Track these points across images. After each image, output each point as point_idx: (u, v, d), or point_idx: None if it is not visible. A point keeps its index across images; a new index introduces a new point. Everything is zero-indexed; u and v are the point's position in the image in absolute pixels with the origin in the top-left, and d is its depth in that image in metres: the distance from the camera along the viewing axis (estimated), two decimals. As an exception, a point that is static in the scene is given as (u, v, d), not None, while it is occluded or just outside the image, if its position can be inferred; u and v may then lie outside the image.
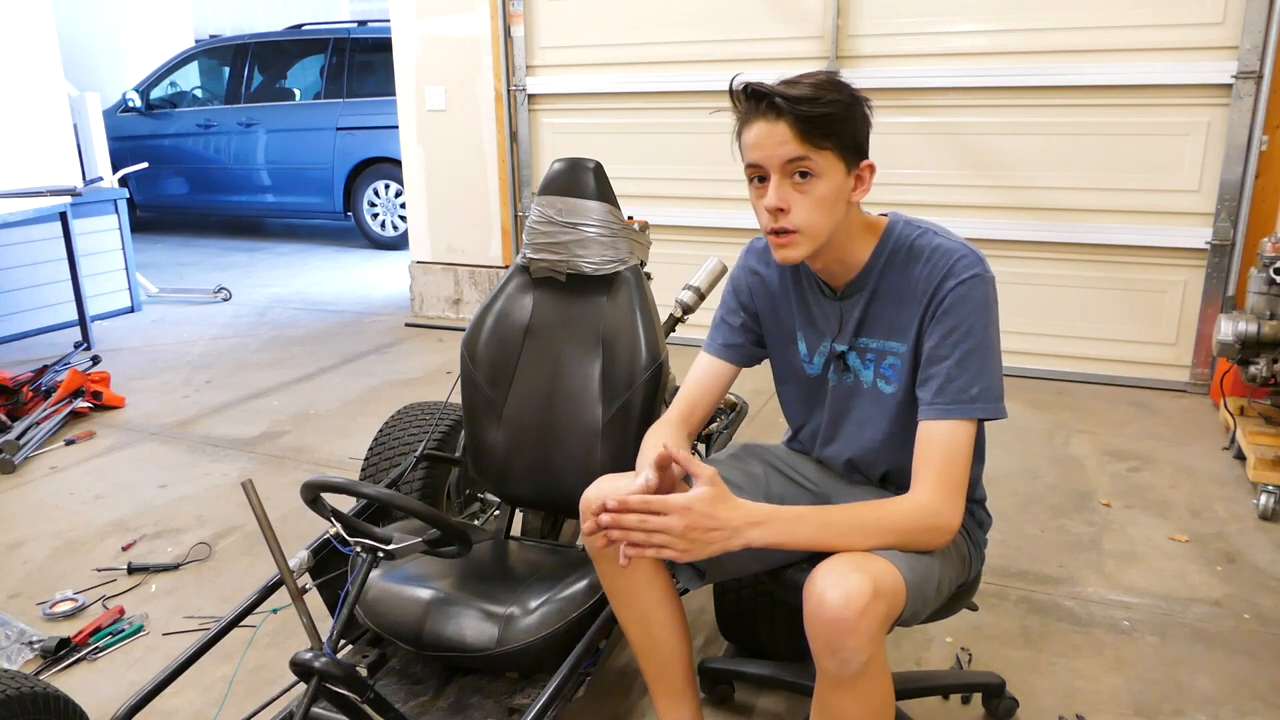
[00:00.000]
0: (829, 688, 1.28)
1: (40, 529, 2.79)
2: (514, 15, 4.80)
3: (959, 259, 1.38)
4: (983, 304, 1.37)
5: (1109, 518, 2.79)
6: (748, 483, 1.58)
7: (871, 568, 1.24)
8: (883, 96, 4.11)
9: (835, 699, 1.28)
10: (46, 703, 1.38)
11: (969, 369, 1.35)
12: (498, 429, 1.97)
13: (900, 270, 1.42)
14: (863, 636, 1.20)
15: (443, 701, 1.64)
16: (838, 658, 1.22)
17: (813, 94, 1.30)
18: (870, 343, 1.48)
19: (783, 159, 1.32)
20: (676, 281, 2.68)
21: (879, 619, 1.22)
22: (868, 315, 1.47)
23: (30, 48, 5.09)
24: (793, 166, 1.32)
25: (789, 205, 1.34)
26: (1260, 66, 3.54)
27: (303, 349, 4.78)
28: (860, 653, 1.21)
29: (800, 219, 1.35)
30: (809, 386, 1.59)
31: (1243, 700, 1.94)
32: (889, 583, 1.24)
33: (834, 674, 1.25)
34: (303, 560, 1.74)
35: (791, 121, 1.30)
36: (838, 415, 1.56)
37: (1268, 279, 2.97)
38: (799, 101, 1.29)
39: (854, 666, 1.22)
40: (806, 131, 1.30)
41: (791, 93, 1.30)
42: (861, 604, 1.19)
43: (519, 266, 2.02)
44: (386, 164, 7.30)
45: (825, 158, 1.32)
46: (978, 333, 1.36)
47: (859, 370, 1.50)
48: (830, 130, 1.31)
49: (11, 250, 4.94)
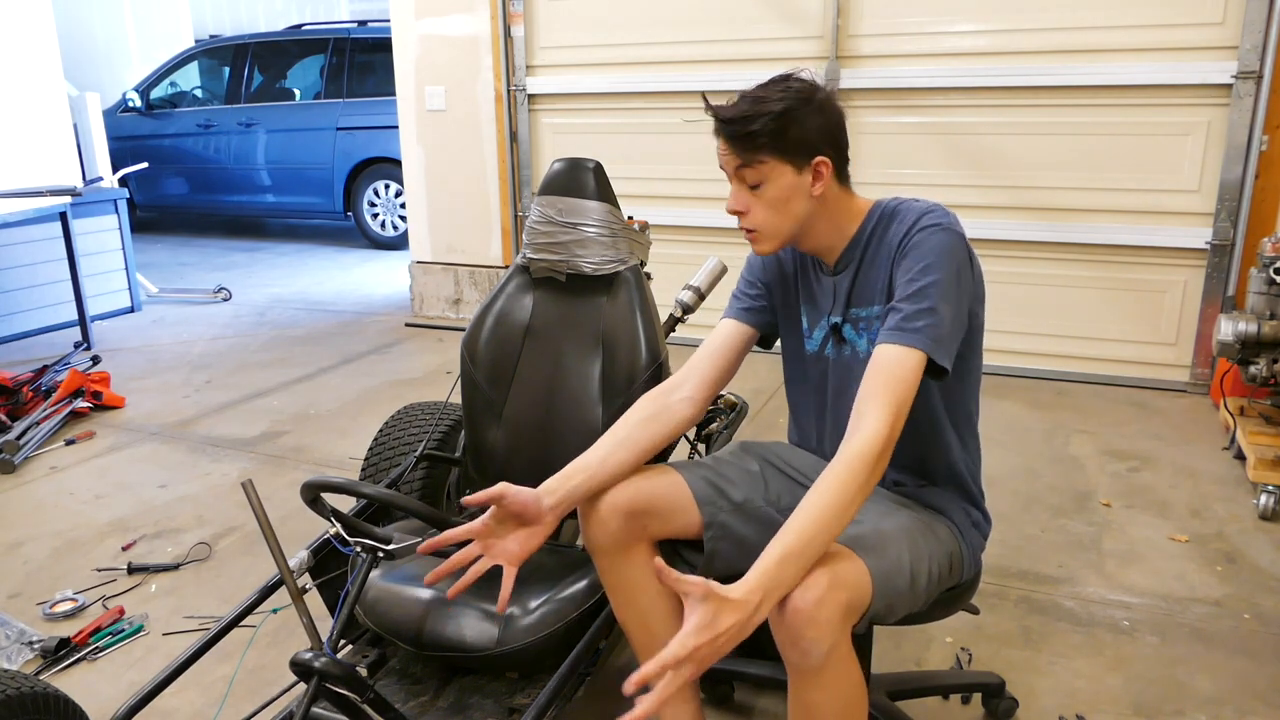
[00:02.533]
0: (798, 681, 1.31)
1: (40, 529, 2.79)
2: (514, 15, 4.80)
3: (926, 213, 1.43)
4: (943, 249, 1.39)
5: (1109, 518, 2.79)
6: (746, 481, 1.59)
7: (831, 560, 1.26)
8: (883, 96, 4.12)
9: (804, 691, 1.31)
10: (46, 703, 1.38)
11: (918, 302, 1.36)
12: (498, 429, 1.97)
13: (881, 238, 1.48)
14: (822, 626, 1.22)
15: (443, 701, 1.64)
16: (799, 648, 1.24)
17: (748, 111, 1.38)
18: (860, 311, 1.51)
19: (731, 168, 1.44)
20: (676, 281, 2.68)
21: (838, 608, 1.23)
22: (855, 285, 1.51)
23: (30, 48, 5.09)
24: (741, 174, 1.43)
25: (746, 208, 1.45)
26: (1260, 66, 3.54)
27: (303, 349, 4.78)
28: (820, 643, 1.23)
29: (758, 220, 1.45)
30: (810, 363, 1.61)
31: (1243, 700, 1.94)
32: (850, 574, 1.26)
33: (799, 665, 1.27)
34: (303, 560, 1.74)
35: (726, 139, 1.42)
36: (840, 389, 1.57)
37: (1268, 279, 2.97)
38: (730, 122, 1.40)
39: (815, 657, 1.24)
40: (741, 148, 1.41)
41: (725, 114, 1.40)
42: (817, 594, 1.22)
43: (519, 266, 2.02)
44: (386, 164, 7.30)
45: (767, 166, 1.41)
46: (932, 272, 1.37)
47: (854, 341, 1.53)
48: (761, 144, 1.39)
49: (11, 250, 4.94)
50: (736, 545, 1.54)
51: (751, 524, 1.55)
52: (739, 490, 1.57)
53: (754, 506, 1.56)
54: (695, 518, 1.53)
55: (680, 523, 1.53)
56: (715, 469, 1.59)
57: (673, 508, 1.52)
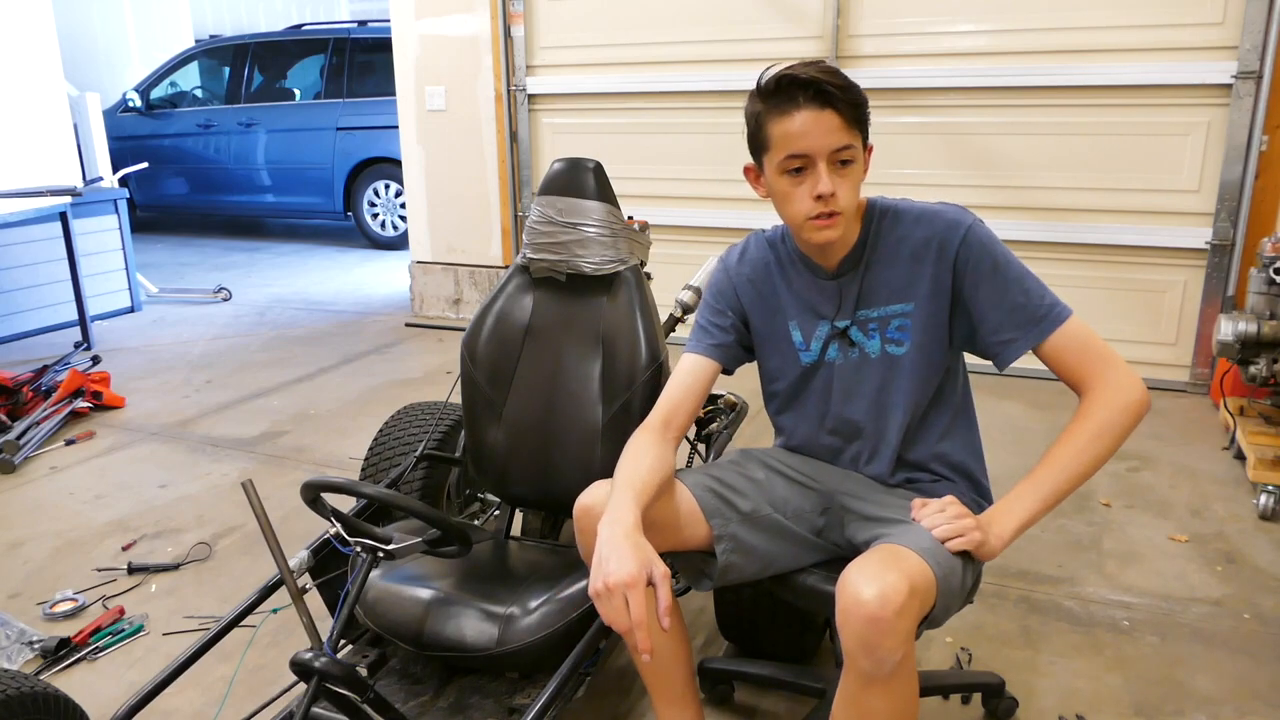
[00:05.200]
0: (859, 686, 1.27)
1: (40, 529, 2.79)
2: (514, 15, 4.80)
3: (953, 215, 1.45)
4: (992, 240, 1.44)
5: (1109, 518, 2.79)
6: (751, 488, 1.57)
7: (905, 565, 1.23)
8: (883, 96, 4.11)
9: (866, 697, 1.27)
10: (46, 703, 1.38)
11: (1028, 290, 1.41)
12: (498, 429, 1.97)
13: (888, 237, 1.47)
14: (900, 635, 1.19)
15: (443, 701, 1.64)
16: (874, 657, 1.20)
17: (846, 82, 1.35)
18: (871, 312, 1.50)
19: (831, 147, 1.36)
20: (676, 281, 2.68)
21: (914, 617, 1.21)
22: (864, 287, 1.50)
23: (30, 48, 5.09)
24: (838, 155, 1.37)
25: (835, 189, 1.38)
26: (1260, 66, 3.54)
27: (303, 349, 4.78)
28: (896, 651, 1.20)
29: (845, 201, 1.40)
30: (804, 377, 1.59)
31: (1243, 700, 1.94)
32: (923, 580, 1.23)
33: (868, 672, 1.23)
34: (303, 560, 1.74)
35: (841, 109, 1.35)
36: (848, 392, 1.55)
37: (1268, 279, 2.97)
38: (846, 90, 1.34)
39: (889, 665, 1.21)
40: (854, 119, 1.36)
41: (837, 81, 1.34)
42: (899, 602, 1.18)
43: (519, 266, 2.02)
44: (386, 164, 7.30)
45: (859, 143, 1.39)
46: (1010, 262, 1.42)
47: (863, 343, 1.52)
48: (863, 116, 1.38)
49: (11, 250, 4.94)
50: (747, 554, 1.52)
51: (760, 533, 1.53)
52: (746, 500, 1.54)
53: (762, 514, 1.54)
54: (702, 530, 1.50)
55: (685, 535, 1.50)
56: (719, 478, 1.56)
57: (677, 521, 1.49)
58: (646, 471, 1.41)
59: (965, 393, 1.57)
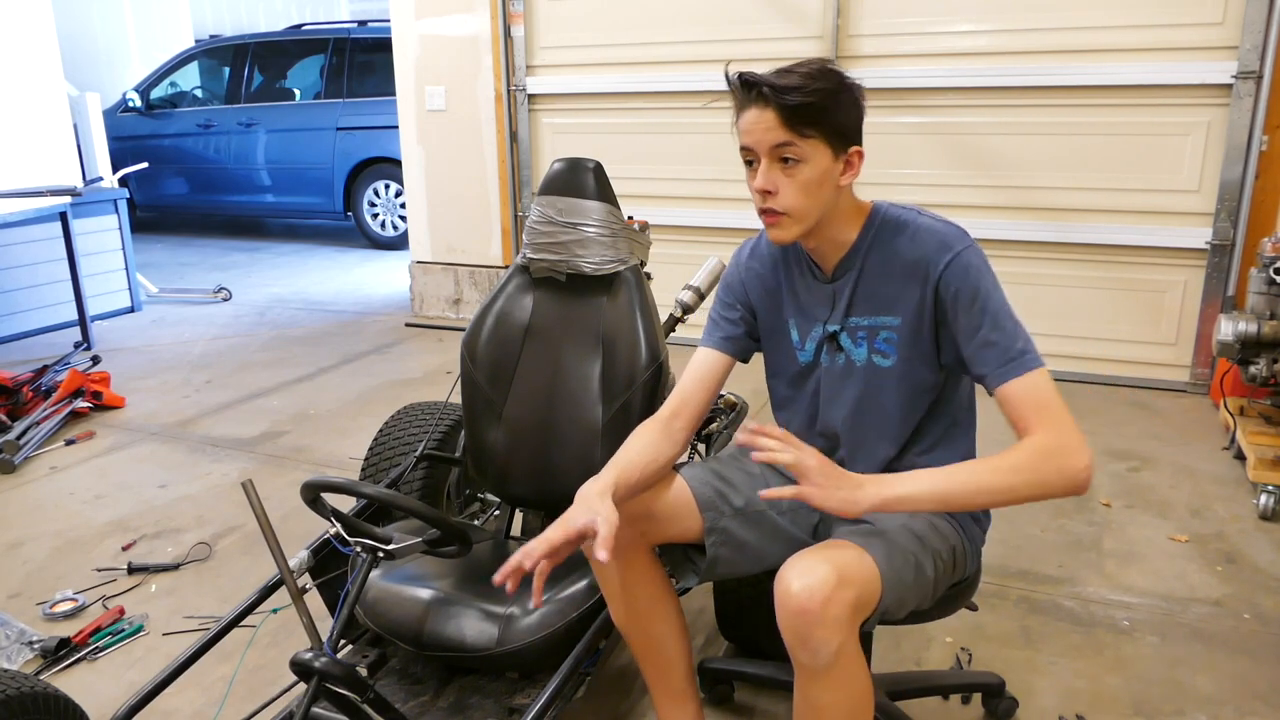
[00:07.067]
0: (806, 679, 1.30)
1: (40, 529, 2.79)
2: (514, 15, 4.80)
3: (946, 236, 1.42)
4: (982, 268, 1.41)
5: (1109, 518, 2.79)
6: (747, 484, 1.58)
7: (839, 557, 1.26)
8: (883, 96, 4.11)
9: (812, 690, 1.30)
10: (46, 703, 1.38)
11: (1003, 329, 1.38)
12: (498, 429, 1.97)
13: (886, 247, 1.46)
14: (830, 626, 1.22)
15: (443, 701, 1.64)
16: (808, 648, 1.24)
17: (799, 83, 1.34)
18: (861, 320, 1.50)
19: (770, 144, 1.37)
20: (676, 281, 2.68)
21: (846, 607, 1.23)
22: (856, 294, 1.49)
23: (30, 48, 5.09)
24: (779, 151, 1.38)
25: (776, 188, 1.39)
26: (1260, 66, 3.54)
27: (303, 349, 4.78)
28: (828, 642, 1.23)
29: (787, 202, 1.39)
30: (800, 375, 1.60)
31: (1243, 700, 1.94)
32: (858, 571, 1.26)
33: (807, 665, 1.27)
34: (303, 560, 1.74)
35: (777, 110, 1.35)
36: (832, 397, 1.56)
37: (1268, 279, 2.97)
38: (784, 91, 1.34)
39: (824, 656, 1.24)
40: (791, 119, 1.35)
41: (778, 82, 1.35)
42: (825, 593, 1.21)
43: (519, 266, 2.02)
44: (386, 164, 7.30)
45: (810, 144, 1.37)
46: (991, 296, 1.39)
47: (850, 350, 1.52)
48: (813, 119, 1.35)
49: (11, 250, 4.94)
50: (737, 550, 1.53)
51: (752, 528, 1.55)
52: (740, 495, 1.56)
53: (754, 510, 1.56)
54: (696, 522, 1.52)
55: (680, 527, 1.52)
56: (717, 472, 1.58)
57: (674, 513, 1.51)
58: (634, 453, 1.48)
59: (967, 405, 1.56)
